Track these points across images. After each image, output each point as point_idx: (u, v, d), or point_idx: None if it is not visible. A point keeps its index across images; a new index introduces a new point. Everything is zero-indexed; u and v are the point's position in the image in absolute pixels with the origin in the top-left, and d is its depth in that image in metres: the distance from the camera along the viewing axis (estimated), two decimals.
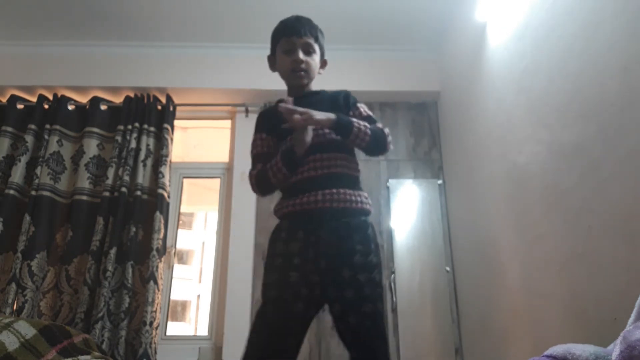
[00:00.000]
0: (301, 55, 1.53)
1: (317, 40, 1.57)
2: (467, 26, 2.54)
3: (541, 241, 1.73)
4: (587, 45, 1.48)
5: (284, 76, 1.58)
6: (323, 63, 1.64)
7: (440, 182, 2.84)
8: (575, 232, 1.51)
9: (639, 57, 1.25)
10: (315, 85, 1.64)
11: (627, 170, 1.27)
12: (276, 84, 1.69)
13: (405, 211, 2.77)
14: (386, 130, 1.55)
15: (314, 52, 1.57)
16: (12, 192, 2.60)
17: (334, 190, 1.41)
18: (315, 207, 1.39)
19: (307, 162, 1.44)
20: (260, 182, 1.48)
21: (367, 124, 1.49)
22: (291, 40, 1.53)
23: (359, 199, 1.45)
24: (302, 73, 1.53)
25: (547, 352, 1.14)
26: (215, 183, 3.00)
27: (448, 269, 2.66)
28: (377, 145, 1.51)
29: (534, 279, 1.78)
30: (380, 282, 1.41)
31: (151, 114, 2.83)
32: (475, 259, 2.39)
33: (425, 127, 2.99)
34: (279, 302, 1.35)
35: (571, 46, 1.57)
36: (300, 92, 1.58)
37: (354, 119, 1.47)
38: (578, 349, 1.04)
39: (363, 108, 1.60)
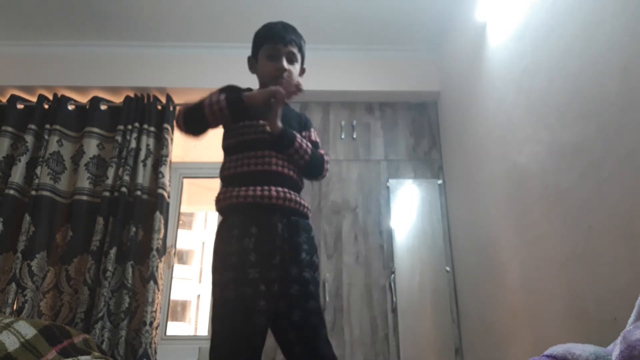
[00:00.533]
0: (285, 63, 1.53)
1: (300, 49, 1.59)
2: (467, 26, 2.54)
3: (541, 241, 1.73)
4: (587, 45, 1.48)
5: (263, 79, 1.58)
6: (302, 71, 1.65)
7: (440, 182, 2.84)
8: (575, 232, 1.51)
9: (639, 57, 1.25)
10: (311, 83, 1.65)
11: (627, 170, 1.27)
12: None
13: (405, 211, 2.77)
14: (326, 158, 1.60)
15: (296, 61, 1.58)
16: (12, 192, 2.60)
17: (286, 190, 1.43)
18: (269, 203, 1.39)
19: (263, 156, 1.44)
20: (190, 114, 1.46)
21: (309, 145, 1.53)
22: (277, 47, 1.54)
23: (305, 204, 1.49)
24: (284, 82, 1.53)
25: (547, 352, 1.14)
26: (215, 183, 3.00)
27: (448, 269, 2.66)
28: (314, 167, 1.56)
29: (534, 279, 1.78)
30: (319, 282, 1.48)
31: (151, 114, 2.83)
32: (475, 259, 2.39)
33: (425, 127, 3.00)
34: (241, 301, 1.32)
35: (571, 46, 1.57)
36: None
37: (299, 136, 1.51)
38: (578, 349, 1.04)
39: (314, 133, 1.65)
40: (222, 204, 1.44)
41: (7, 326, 1.20)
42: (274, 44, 1.54)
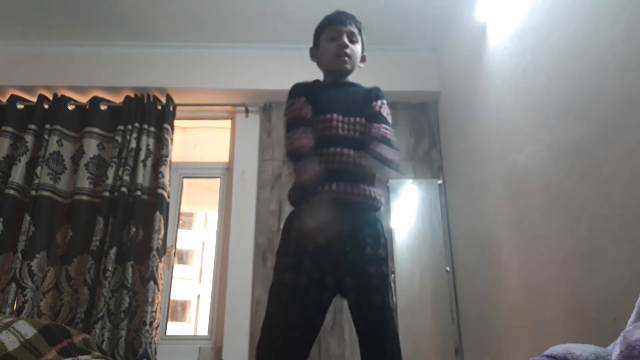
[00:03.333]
0: (346, 40, 1.57)
1: (360, 32, 1.63)
2: (467, 26, 2.54)
3: (541, 241, 1.73)
4: (587, 45, 1.48)
5: (326, 61, 1.61)
6: (363, 57, 1.68)
7: (440, 182, 2.84)
8: (575, 232, 1.51)
9: (639, 57, 1.25)
10: None
11: (627, 170, 1.27)
12: (276, 83, 1.70)
13: (405, 211, 2.77)
14: (388, 151, 1.53)
15: (357, 42, 1.62)
16: (12, 192, 2.60)
17: (350, 184, 1.44)
18: (331, 197, 1.41)
19: (328, 154, 1.46)
20: (293, 159, 1.50)
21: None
22: (337, 28, 1.59)
23: (373, 195, 1.49)
24: (346, 58, 1.57)
25: (547, 352, 1.14)
26: (215, 183, 3.00)
27: (448, 269, 2.66)
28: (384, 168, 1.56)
29: (534, 279, 1.78)
30: (388, 274, 1.47)
31: (151, 114, 2.83)
32: (475, 259, 2.39)
33: (425, 127, 2.99)
34: (293, 287, 1.37)
35: (571, 46, 1.57)
36: (339, 78, 1.61)
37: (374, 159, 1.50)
38: (578, 349, 1.04)
39: (379, 106, 1.59)
40: (292, 199, 1.50)
41: (7, 326, 1.20)
42: (334, 25, 1.60)
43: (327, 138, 1.48)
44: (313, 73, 2.93)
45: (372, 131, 1.53)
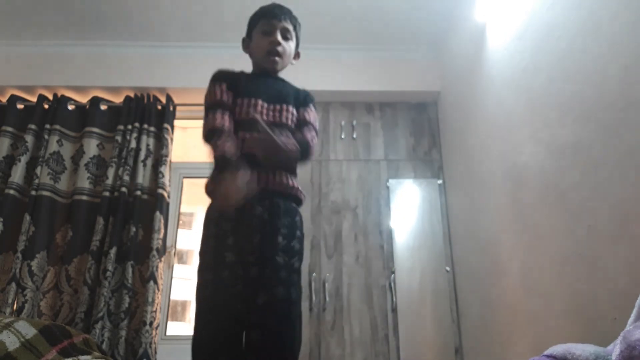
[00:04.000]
0: (279, 37, 1.54)
1: (295, 28, 1.59)
2: (467, 26, 2.54)
3: (541, 241, 1.73)
4: (587, 45, 1.48)
5: (257, 56, 1.58)
6: (297, 54, 1.65)
7: (440, 182, 2.84)
8: (575, 232, 1.51)
9: (639, 57, 1.25)
10: (311, 83, 1.65)
11: (627, 170, 1.28)
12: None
13: (405, 211, 2.77)
14: (312, 143, 1.51)
15: (291, 39, 1.58)
16: (12, 192, 2.60)
17: (271, 172, 1.40)
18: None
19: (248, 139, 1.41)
20: (208, 138, 1.44)
21: (295, 143, 1.41)
22: (271, 22, 1.55)
23: (294, 185, 1.45)
24: (277, 58, 1.54)
25: (547, 352, 1.14)
26: None
27: (448, 269, 2.66)
28: (302, 158, 1.49)
29: (534, 279, 1.78)
30: (299, 269, 1.40)
31: (151, 114, 2.83)
32: (475, 259, 2.39)
33: (425, 127, 2.99)
34: (218, 284, 1.32)
35: (571, 46, 1.57)
36: (269, 73, 1.58)
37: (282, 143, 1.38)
38: (578, 349, 1.04)
39: (312, 112, 1.60)
40: (208, 189, 1.43)
41: (7, 326, 1.21)
42: (268, 19, 1.55)
43: (248, 122, 1.43)
44: (313, 73, 2.94)
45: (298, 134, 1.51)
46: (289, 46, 1.57)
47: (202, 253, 1.41)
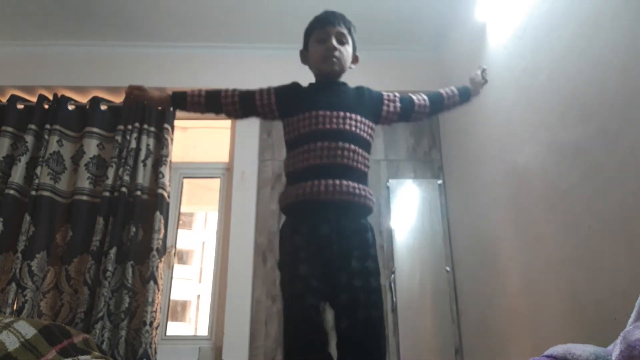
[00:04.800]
0: (334, 42, 1.53)
1: (350, 32, 1.59)
2: (467, 26, 2.54)
3: (541, 241, 1.73)
4: (587, 45, 1.48)
5: (315, 64, 1.57)
6: (355, 58, 1.64)
7: (440, 182, 2.84)
8: (575, 232, 1.51)
9: (639, 57, 1.25)
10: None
11: (627, 170, 1.27)
12: (277, 83, 1.69)
13: (405, 211, 2.77)
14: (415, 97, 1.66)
15: (347, 42, 1.57)
16: (12, 192, 2.60)
17: (337, 182, 1.39)
18: (317, 198, 1.37)
19: (314, 149, 1.42)
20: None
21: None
22: (325, 29, 1.54)
23: (364, 193, 1.44)
24: (334, 60, 1.52)
25: (547, 352, 1.14)
26: (215, 183, 3.00)
27: (448, 269, 2.66)
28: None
29: (534, 279, 1.78)
30: (378, 288, 1.41)
31: (151, 114, 2.83)
32: (475, 259, 2.39)
33: (425, 127, 2.99)
34: (294, 296, 1.35)
35: (571, 46, 1.57)
36: (328, 80, 1.56)
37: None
38: (578, 349, 1.04)
39: (389, 96, 1.63)
40: (280, 205, 1.48)
41: (7, 326, 1.21)
42: (322, 26, 1.55)
43: (310, 134, 1.44)
44: (311, 73, 2.90)
45: (421, 107, 1.64)
46: (346, 50, 1.56)
47: (281, 268, 1.43)
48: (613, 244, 1.32)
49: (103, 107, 2.87)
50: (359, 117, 1.49)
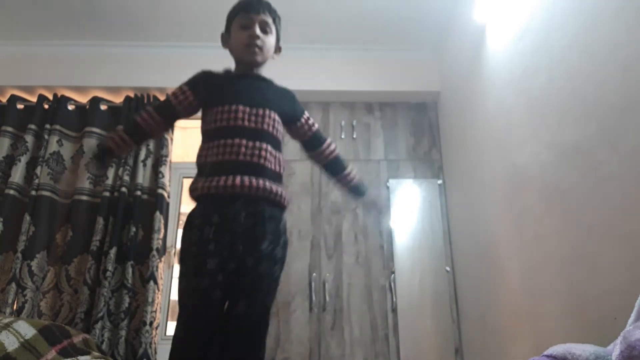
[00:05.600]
0: (258, 31, 1.51)
1: (274, 21, 1.56)
2: (467, 26, 2.54)
3: (541, 241, 1.73)
4: (587, 46, 1.48)
5: (237, 51, 1.55)
6: (278, 49, 1.62)
7: (440, 182, 2.84)
8: (575, 232, 1.51)
9: (639, 57, 1.25)
10: (311, 83, 1.64)
11: (627, 170, 1.27)
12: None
13: (405, 211, 2.77)
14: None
15: (271, 32, 1.55)
16: (12, 192, 2.60)
17: (254, 178, 1.37)
18: (232, 192, 1.35)
19: (232, 145, 1.39)
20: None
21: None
22: (249, 15, 1.52)
23: (279, 192, 1.43)
24: (257, 49, 1.51)
25: (547, 352, 1.14)
26: None
27: (448, 269, 2.66)
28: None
29: (534, 279, 1.78)
30: (279, 277, 1.41)
31: None
32: (475, 259, 2.39)
33: (425, 127, 2.99)
34: (198, 291, 1.32)
35: (571, 46, 1.57)
36: (249, 70, 1.55)
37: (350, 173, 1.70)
38: (578, 349, 1.04)
39: (311, 119, 1.66)
40: (192, 194, 1.43)
41: (7, 326, 1.20)
42: (247, 12, 1.52)
43: (229, 129, 1.42)
44: (313, 73, 2.93)
45: (328, 151, 1.67)
46: (269, 40, 1.54)
47: (183, 259, 1.38)
48: (613, 243, 1.32)
49: (103, 107, 2.87)
50: (276, 117, 1.49)
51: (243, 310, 1.32)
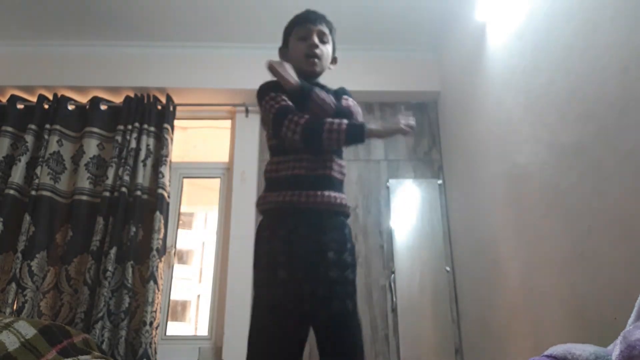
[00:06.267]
0: (316, 40, 1.53)
1: (330, 32, 1.59)
2: (467, 26, 2.54)
3: (541, 241, 1.73)
4: (587, 45, 1.48)
5: (295, 62, 1.56)
6: (334, 59, 1.65)
7: (440, 182, 2.84)
8: (575, 232, 1.51)
9: (638, 57, 1.25)
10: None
11: (627, 170, 1.27)
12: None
13: (405, 211, 2.77)
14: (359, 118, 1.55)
15: (328, 42, 1.58)
16: (12, 192, 2.60)
17: (312, 192, 1.40)
18: (296, 207, 1.39)
19: (295, 160, 1.42)
20: (308, 131, 1.38)
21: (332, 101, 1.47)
22: (307, 27, 1.55)
23: (340, 201, 1.46)
24: (316, 59, 1.53)
25: (547, 352, 1.14)
26: (215, 183, 3.00)
27: (448, 269, 2.66)
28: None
29: (534, 279, 1.78)
30: (354, 280, 1.41)
31: (151, 114, 2.83)
32: (475, 259, 2.39)
33: (425, 127, 2.99)
34: (271, 301, 1.35)
35: (571, 46, 1.57)
36: (309, 79, 1.55)
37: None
38: (578, 349, 1.04)
39: (348, 100, 1.57)
40: (259, 208, 1.48)
41: (7, 326, 1.21)
42: (304, 24, 1.55)
43: (290, 144, 1.44)
44: None
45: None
46: (327, 49, 1.57)
47: (256, 269, 1.42)
48: (613, 243, 1.32)
49: (103, 107, 2.87)
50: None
51: (325, 319, 1.34)
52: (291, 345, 1.32)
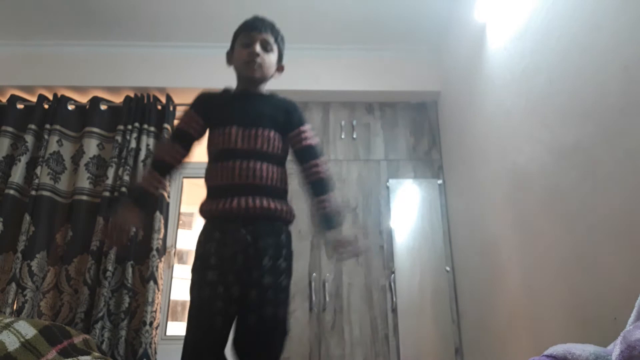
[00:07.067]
0: (258, 48, 1.55)
1: (276, 40, 1.60)
2: (467, 26, 2.54)
3: (541, 241, 1.73)
4: (587, 46, 1.48)
5: (238, 68, 1.60)
6: (280, 68, 1.66)
7: (440, 182, 2.84)
8: (575, 232, 1.51)
9: (639, 57, 1.25)
10: (311, 83, 1.64)
11: (627, 170, 1.27)
12: (276, 83, 1.69)
13: (405, 211, 2.77)
14: (328, 171, 1.59)
15: (271, 50, 1.59)
16: (12, 192, 2.60)
17: (251, 198, 1.42)
18: (232, 214, 1.42)
19: (229, 167, 1.45)
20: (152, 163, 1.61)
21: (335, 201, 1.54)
22: (250, 34, 1.57)
23: (279, 207, 1.47)
24: (256, 66, 1.54)
25: (547, 352, 1.14)
26: None
27: (448, 269, 2.66)
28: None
29: (534, 279, 1.78)
30: (287, 287, 1.45)
31: (151, 114, 2.83)
32: (475, 259, 2.39)
33: (425, 127, 2.99)
34: (200, 301, 1.40)
35: (571, 46, 1.57)
36: (249, 86, 1.59)
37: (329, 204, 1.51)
38: (578, 349, 1.04)
39: (309, 132, 1.59)
40: (200, 213, 1.53)
41: (7, 326, 1.21)
42: (248, 31, 1.58)
43: (225, 151, 1.47)
44: (313, 73, 2.92)
45: (312, 171, 1.53)
46: (269, 58, 1.57)
47: (191, 272, 1.47)
48: (613, 243, 1.32)
49: (103, 107, 2.87)
50: (271, 133, 1.51)
51: (253, 323, 1.37)
52: (215, 345, 1.36)
